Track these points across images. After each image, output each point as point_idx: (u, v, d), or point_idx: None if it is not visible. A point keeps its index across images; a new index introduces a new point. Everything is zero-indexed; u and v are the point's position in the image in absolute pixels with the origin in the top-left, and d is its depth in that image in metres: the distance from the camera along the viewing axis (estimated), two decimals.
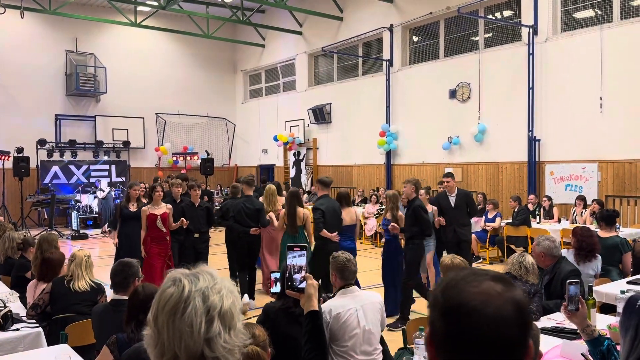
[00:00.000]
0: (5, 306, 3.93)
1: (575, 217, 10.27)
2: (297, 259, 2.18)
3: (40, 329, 3.91)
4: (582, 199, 10.24)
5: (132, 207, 7.62)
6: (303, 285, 2.21)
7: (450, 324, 1.00)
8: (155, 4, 15.64)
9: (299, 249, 2.18)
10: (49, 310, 4.26)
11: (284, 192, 8.90)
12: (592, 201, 9.81)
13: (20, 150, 15.26)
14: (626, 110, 10.24)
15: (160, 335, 1.23)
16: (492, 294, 1.00)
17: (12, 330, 3.83)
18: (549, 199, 10.76)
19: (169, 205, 7.33)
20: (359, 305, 3.46)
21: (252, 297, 7.50)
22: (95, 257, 11.09)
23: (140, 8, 17.21)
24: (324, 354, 2.10)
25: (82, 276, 4.32)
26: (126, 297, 3.39)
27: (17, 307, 4.41)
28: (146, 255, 7.03)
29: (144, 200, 8.07)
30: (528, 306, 1.02)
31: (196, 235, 7.57)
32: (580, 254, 5.12)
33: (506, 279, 1.05)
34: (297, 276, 2.21)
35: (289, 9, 16.39)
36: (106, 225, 14.29)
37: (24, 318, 4.09)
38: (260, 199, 8.25)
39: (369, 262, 10.05)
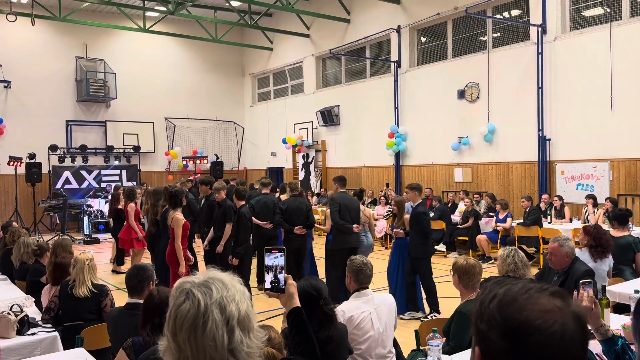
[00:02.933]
0: (22, 311, 3.98)
1: (587, 216, 10.20)
2: (278, 260, 2.19)
3: (56, 333, 3.96)
4: (591, 197, 10.16)
5: None
6: (283, 285, 2.22)
7: (514, 344, 0.96)
8: (164, 9, 15.75)
9: (276, 251, 2.20)
10: (61, 314, 4.31)
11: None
12: (606, 199, 9.73)
13: (32, 156, 15.44)
14: (637, 108, 10.16)
15: (182, 350, 1.23)
16: (554, 310, 0.97)
17: (29, 334, 3.88)
18: (560, 198, 10.69)
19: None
20: (373, 308, 3.48)
21: None
22: (108, 262, 11.19)
23: (148, 14, 17.34)
24: (314, 346, 2.11)
25: (83, 281, 4.30)
26: (141, 301, 3.42)
27: (32, 311, 4.46)
28: (184, 272, 6.30)
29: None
30: (586, 319, 1.00)
31: (231, 242, 7.41)
32: (597, 250, 5.12)
33: (562, 292, 1.03)
34: (280, 277, 2.23)
35: (296, 12, 16.44)
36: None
37: (40, 322, 4.15)
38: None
39: (380, 264, 10.04)
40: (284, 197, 9.28)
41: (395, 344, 3.67)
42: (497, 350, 0.98)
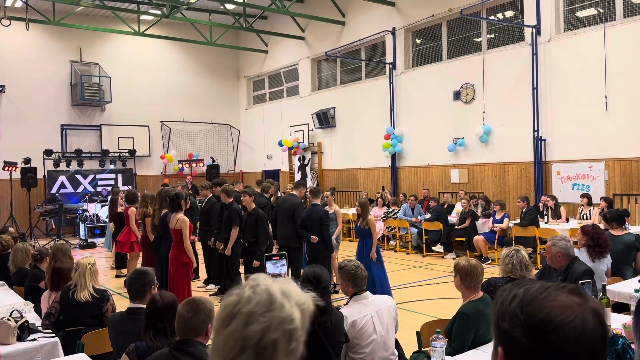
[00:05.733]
0: (22, 316, 3.96)
1: (583, 215, 10.25)
2: (281, 268, 2.07)
3: (56, 339, 3.94)
4: (586, 196, 10.21)
5: None
6: None
7: (537, 341, 1.00)
8: (159, 12, 15.73)
9: (277, 257, 2.08)
10: (62, 319, 4.29)
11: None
12: (600, 199, 9.78)
13: (27, 160, 15.36)
14: (632, 108, 10.23)
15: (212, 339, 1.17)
16: (574, 306, 1.01)
17: (29, 340, 3.86)
18: (553, 198, 10.72)
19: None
20: (374, 311, 3.47)
21: None
22: (103, 266, 11.15)
23: (143, 17, 17.31)
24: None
25: (84, 285, 4.29)
26: (143, 306, 3.41)
27: (32, 317, 4.43)
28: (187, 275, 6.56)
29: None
30: (605, 314, 1.02)
31: (246, 244, 7.38)
32: (595, 250, 5.14)
33: (579, 289, 1.06)
34: None
35: (291, 15, 16.45)
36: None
37: (40, 328, 4.12)
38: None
39: None
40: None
41: (398, 345, 3.67)
42: (521, 347, 1.01)
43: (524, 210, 10.14)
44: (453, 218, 11.70)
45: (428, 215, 11.87)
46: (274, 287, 1.16)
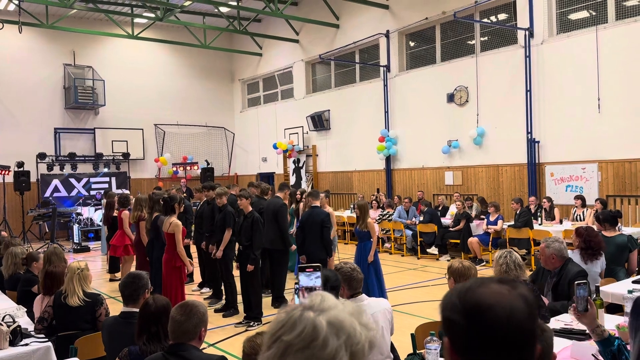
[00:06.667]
0: (14, 321, 3.93)
1: (577, 216, 10.29)
2: (315, 281, 1.91)
3: (49, 344, 3.91)
4: (580, 198, 10.26)
5: None
6: None
7: (473, 322, 1.11)
8: (152, 15, 15.71)
9: (312, 269, 1.93)
10: (55, 323, 4.26)
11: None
12: (595, 200, 9.82)
13: (20, 164, 15.28)
14: (624, 110, 10.29)
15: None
16: (503, 292, 1.14)
17: (22, 345, 3.83)
18: (549, 200, 10.77)
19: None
20: (369, 314, 3.46)
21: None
22: (98, 270, 11.10)
23: (137, 20, 17.28)
24: None
25: (74, 290, 4.24)
26: (136, 310, 3.39)
27: (24, 322, 4.40)
28: (181, 279, 6.57)
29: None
30: (533, 299, 1.15)
31: (240, 248, 7.30)
32: (588, 253, 5.15)
33: (510, 280, 1.20)
34: None
35: (285, 18, 16.46)
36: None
37: (33, 333, 4.10)
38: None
39: None
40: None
41: (393, 349, 3.66)
42: (460, 329, 1.13)
43: (517, 212, 10.17)
44: (447, 220, 11.72)
45: (420, 218, 11.89)
46: (321, 319, 1.01)
